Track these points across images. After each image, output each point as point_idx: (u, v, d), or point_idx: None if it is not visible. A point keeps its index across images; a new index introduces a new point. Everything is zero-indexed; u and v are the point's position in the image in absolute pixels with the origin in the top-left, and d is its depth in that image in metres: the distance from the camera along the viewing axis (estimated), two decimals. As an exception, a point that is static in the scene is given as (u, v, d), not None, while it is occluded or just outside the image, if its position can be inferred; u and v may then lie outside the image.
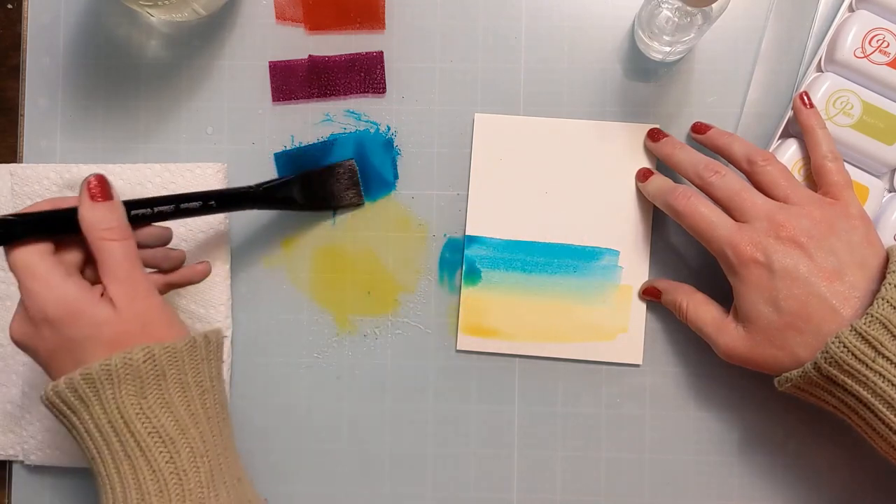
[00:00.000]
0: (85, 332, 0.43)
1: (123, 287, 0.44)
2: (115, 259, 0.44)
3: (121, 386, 0.42)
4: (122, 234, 0.44)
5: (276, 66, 0.58)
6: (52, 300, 0.43)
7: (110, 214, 0.45)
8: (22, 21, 0.59)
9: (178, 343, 0.44)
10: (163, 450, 0.42)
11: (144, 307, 0.44)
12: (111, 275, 0.44)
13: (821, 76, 0.54)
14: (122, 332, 0.43)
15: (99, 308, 0.43)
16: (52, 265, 0.43)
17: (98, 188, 0.45)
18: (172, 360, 0.44)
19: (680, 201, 0.51)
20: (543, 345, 0.57)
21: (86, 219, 0.44)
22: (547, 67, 0.58)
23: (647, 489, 0.56)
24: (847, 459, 0.56)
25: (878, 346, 0.44)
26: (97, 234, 0.44)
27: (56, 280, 0.43)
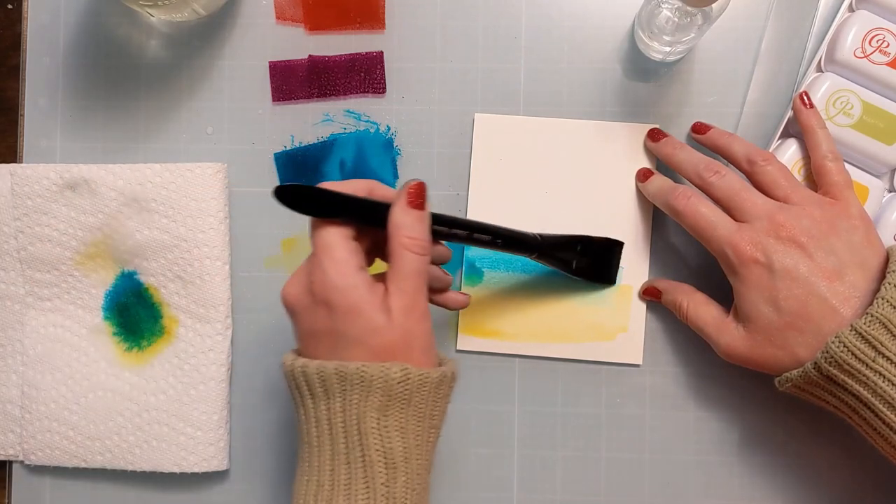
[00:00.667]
0: (356, 332, 0.42)
1: (406, 300, 0.43)
2: (409, 270, 0.43)
3: (369, 396, 0.42)
4: (423, 248, 0.44)
5: (276, 66, 0.58)
6: (340, 288, 0.42)
7: (420, 225, 0.44)
8: (22, 21, 0.59)
9: (433, 373, 0.44)
10: (383, 471, 0.42)
11: (415, 327, 0.43)
12: (399, 284, 0.43)
13: (821, 76, 0.54)
14: (388, 344, 0.43)
15: (377, 313, 0.43)
16: (350, 253, 0.43)
17: (417, 196, 0.44)
18: (422, 388, 0.43)
19: (680, 201, 0.51)
20: (543, 345, 0.57)
21: (396, 221, 0.44)
22: (547, 67, 0.58)
23: (647, 489, 0.56)
24: (847, 459, 0.56)
25: (878, 345, 0.44)
26: (401, 241, 0.43)
27: (350, 270, 0.43)
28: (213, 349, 0.56)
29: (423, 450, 0.44)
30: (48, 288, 0.57)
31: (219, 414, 0.56)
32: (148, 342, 0.57)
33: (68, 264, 0.57)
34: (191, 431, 0.56)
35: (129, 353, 0.57)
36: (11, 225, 0.57)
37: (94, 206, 0.56)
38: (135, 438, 0.56)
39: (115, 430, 0.56)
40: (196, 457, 0.56)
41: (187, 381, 0.56)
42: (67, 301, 0.58)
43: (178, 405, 0.56)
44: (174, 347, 0.56)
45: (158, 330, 0.57)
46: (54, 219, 0.57)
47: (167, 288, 0.57)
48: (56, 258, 0.57)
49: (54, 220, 0.57)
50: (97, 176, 0.56)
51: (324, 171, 0.57)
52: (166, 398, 0.56)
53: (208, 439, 0.56)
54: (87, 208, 0.56)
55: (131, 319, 0.57)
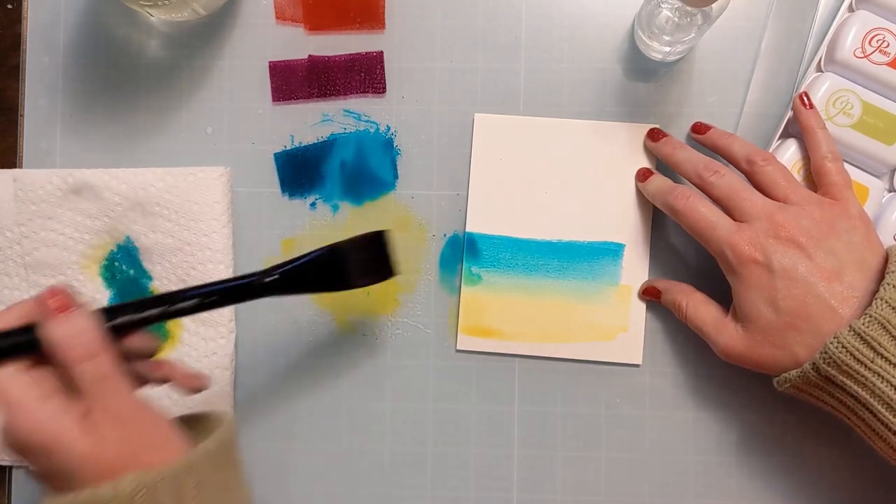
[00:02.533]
0: (67, 466, 0.38)
1: (104, 412, 0.39)
2: (88, 381, 0.39)
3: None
4: (92, 351, 0.39)
5: (276, 66, 0.58)
6: (25, 430, 0.38)
7: (74, 329, 0.40)
8: (22, 21, 0.59)
9: (175, 466, 0.39)
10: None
11: (131, 431, 0.40)
12: (90, 398, 0.39)
13: (821, 76, 0.54)
14: (108, 465, 0.38)
15: (78, 441, 0.38)
16: (26, 386, 0.39)
17: (55, 300, 0.40)
18: (170, 487, 0.39)
19: (679, 201, 0.51)
20: (543, 345, 0.57)
21: (48, 340, 0.40)
22: (547, 67, 0.58)
23: (646, 489, 0.56)
24: (846, 459, 0.56)
25: (876, 346, 0.44)
26: (64, 356, 0.39)
27: (29, 406, 0.38)
28: (216, 353, 0.56)
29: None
30: (53, 293, 0.57)
31: (222, 417, 0.56)
32: (152, 346, 0.57)
33: (73, 269, 0.57)
34: (195, 435, 0.56)
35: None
36: (15, 230, 0.57)
37: (98, 210, 0.56)
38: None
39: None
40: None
41: (191, 385, 0.56)
42: (71, 305, 0.58)
43: (182, 410, 0.56)
44: (178, 352, 0.56)
45: (162, 334, 0.57)
46: (59, 223, 0.57)
47: (171, 292, 0.57)
48: (61, 263, 0.57)
49: (59, 225, 0.57)
50: (101, 180, 0.56)
51: (323, 171, 0.57)
52: (170, 402, 0.56)
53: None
54: (91, 213, 0.56)
55: (135, 324, 0.57)
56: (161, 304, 0.43)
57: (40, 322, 0.40)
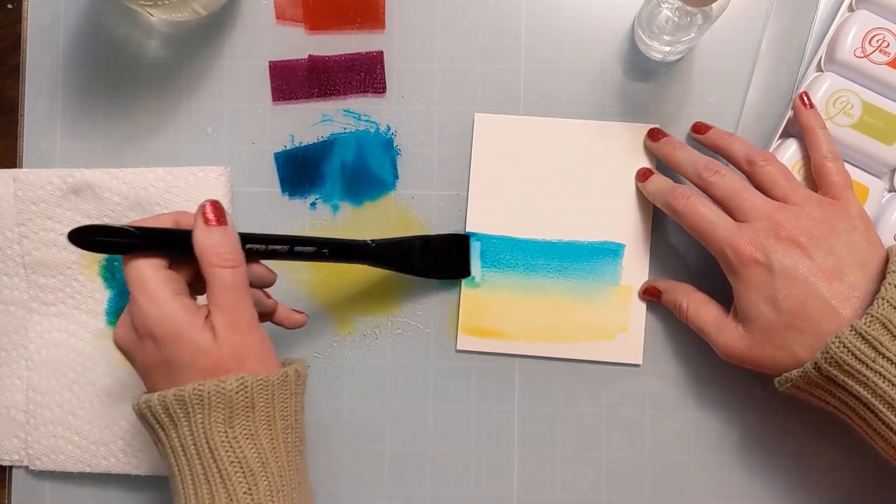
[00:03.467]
0: (184, 356, 0.43)
1: (227, 316, 0.44)
2: (222, 285, 0.44)
3: (210, 412, 0.43)
4: (233, 261, 0.44)
5: (276, 66, 0.58)
6: (157, 318, 0.43)
7: (223, 239, 0.44)
8: (22, 21, 0.59)
9: (272, 376, 0.44)
10: (242, 480, 0.43)
11: (243, 339, 0.44)
12: (217, 302, 0.44)
13: (821, 76, 0.54)
14: (218, 362, 0.43)
15: (200, 334, 0.43)
16: (163, 282, 0.43)
17: (213, 212, 0.44)
18: (263, 393, 0.44)
19: (679, 201, 0.51)
20: (543, 345, 0.57)
21: (199, 242, 0.44)
22: (547, 67, 0.58)
23: (647, 489, 0.56)
24: (847, 459, 0.56)
25: (878, 346, 0.44)
26: (209, 259, 0.44)
27: (164, 297, 0.43)
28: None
29: (280, 452, 0.44)
30: (52, 293, 0.57)
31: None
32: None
33: (73, 269, 0.57)
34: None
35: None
36: (15, 230, 0.57)
37: (98, 210, 0.56)
38: (138, 443, 0.56)
39: (119, 434, 0.56)
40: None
41: (191, 384, 0.56)
42: (72, 306, 0.57)
43: None
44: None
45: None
46: (58, 223, 0.57)
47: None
48: (60, 263, 0.57)
49: (59, 225, 0.57)
50: (101, 180, 0.56)
51: (324, 171, 0.57)
52: None
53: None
54: (91, 213, 0.56)
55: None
56: (287, 243, 0.48)
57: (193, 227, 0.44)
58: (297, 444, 0.46)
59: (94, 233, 0.43)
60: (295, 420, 0.46)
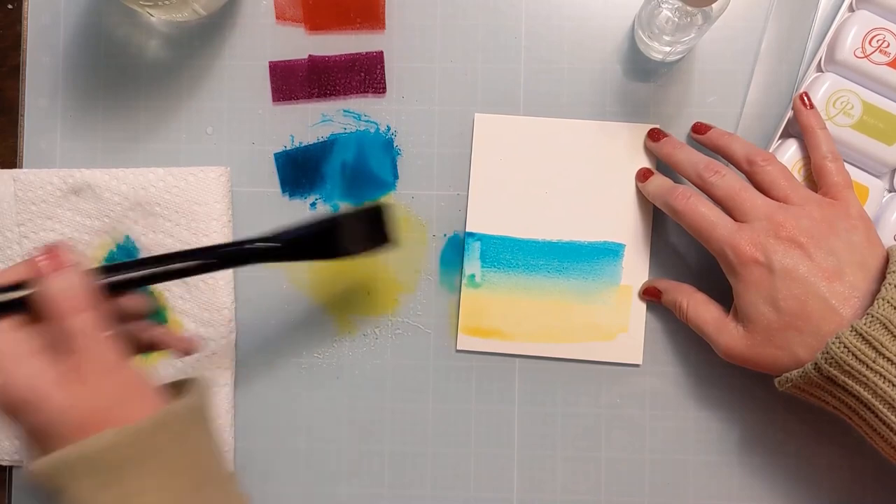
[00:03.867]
0: (45, 421, 0.39)
1: (88, 366, 0.40)
2: (71, 332, 0.40)
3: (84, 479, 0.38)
4: (81, 303, 0.40)
5: (276, 66, 0.58)
6: (10, 383, 0.39)
7: (67, 283, 0.41)
8: (22, 21, 0.59)
9: (146, 422, 0.39)
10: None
11: (113, 384, 0.40)
12: (75, 352, 0.40)
13: (821, 76, 0.54)
14: (85, 418, 0.39)
15: (56, 395, 0.39)
16: (15, 343, 0.40)
17: (48, 258, 0.41)
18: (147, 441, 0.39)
19: (680, 201, 0.51)
20: (543, 345, 0.57)
21: (42, 296, 0.40)
22: (547, 67, 0.58)
23: (647, 489, 0.56)
24: (847, 459, 0.56)
25: (878, 346, 0.44)
26: (53, 311, 0.40)
27: (16, 361, 0.39)
28: (216, 353, 0.56)
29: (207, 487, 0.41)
30: (52, 293, 0.57)
31: (224, 417, 0.56)
32: (152, 347, 0.57)
33: (74, 269, 0.57)
34: (197, 435, 0.56)
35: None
36: (15, 230, 0.57)
37: (98, 210, 0.56)
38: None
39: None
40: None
41: (191, 386, 0.56)
42: (71, 305, 0.58)
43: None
44: (178, 352, 0.57)
45: (162, 334, 0.57)
46: (59, 224, 0.56)
47: (171, 292, 0.57)
48: (60, 263, 0.57)
49: (59, 225, 0.56)
50: (101, 180, 0.56)
51: (324, 172, 0.57)
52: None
53: (214, 442, 0.56)
54: (91, 213, 0.56)
55: (135, 324, 0.57)
56: (158, 264, 0.44)
57: (35, 280, 0.41)
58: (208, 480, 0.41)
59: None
60: (208, 451, 0.42)
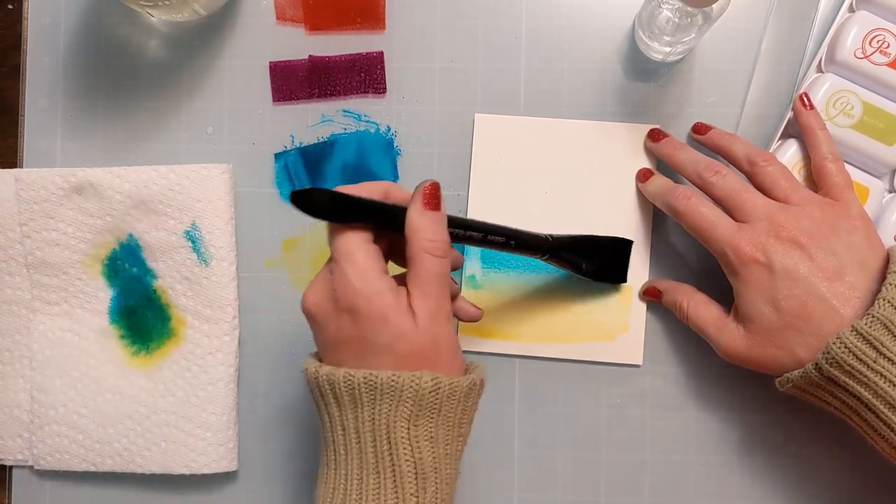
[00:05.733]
0: (383, 339, 0.42)
1: (431, 304, 0.42)
2: (431, 274, 0.42)
3: (398, 405, 0.41)
4: (444, 250, 0.43)
5: (276, 66, 0.58)
6: (365, 294, 0.41)
7: (438, 227, 0.43)
8: (22, 21, 0.59)
9: (463, 381, 0.43)
10: (412, 481, 0.41)
11: (441, 330, 0.43)
12: (423, 288, 0.42)
13: (821, 77, 0.54)
14: (415, 350, 0.42)
15: (404, 319, 0.42)
16: (372, 258, 0.42)
17: (432, 197, 0.43)
18: (451, 397, 0.42)
19: (680, 201, 0.51)
20: (544, 345, 0.57)
21: (414, 224, 0.43)
22: (547, 67, 0.58)
23: (647, 489, 0.56)
24: (848, 460, 0.56)
25: (879, 346, 0.45)
26: (421, 244, 0.43)
27: (374, 274, 0.42)
28: (220, 350, 0.56)
29: (451, 459, 0.43)
30: (55, 292, 0.57)
31: (227, 415, 0.56)
32: (156, 344, 0.57)
33: (76, 268, 0.57)
34: (200, 433, 0.56)
35: (136, 356, 0.57)
36: (17, 230, 0.57)
37: (100, 209, 0.56)
38: (144, 441, 0.56)
39: (124, 433, 0.56)
40: (206, 458, 0.56)
41: (195, 383, 0.56)
42: (75, 305, 0.58)
43: (186, 407, 0.56)
44: (182, 349, 0.56)
45: (166, 332, 0.57)
46: (61, 223, 0.56)
47: (175, 289, 0.57)
48: (63, 262, 0.57)
49: (61, 225, 0.57)
50: (103, 179, 0.56)
51: (324, 172, 0.57)
52: (175, 400, 0.56)
53: (217, 440, 0.56)
54: (93, 212, 0.56)
55: (139, 322, 0.57)
56: (481, 230, 0.48)
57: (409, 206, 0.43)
58: (461, 455, 0.45)
59: (316, 196, 0.42)
60: (468, 430, 0.45)
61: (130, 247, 0.57)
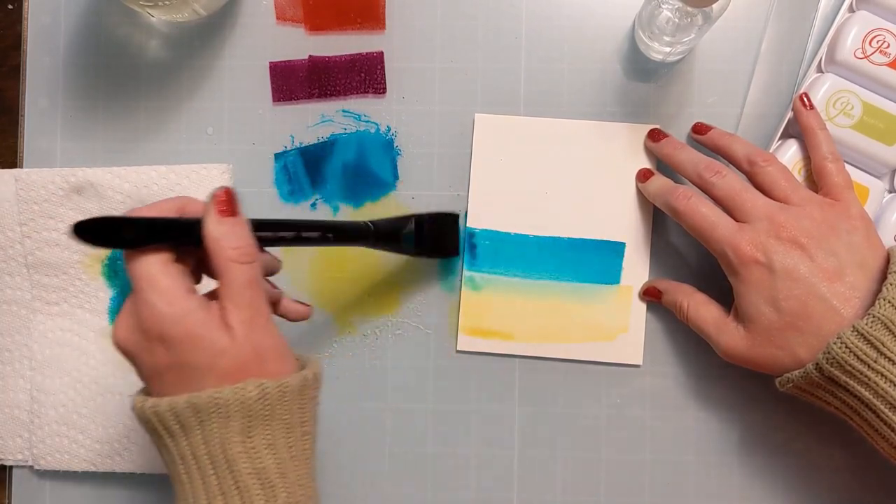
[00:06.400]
0: (201, 359, 0.40)
1: (245, 314, 0.41)
2: (241, 282, 0.41)
3: (228, 421, 0.40)
4: (250, 255, 0.42)
5: (276, 66, 0.58)
6: (172, 317, 0.40)
7: (238, 232, 0.42)
8: (22, 21, 0.59)
9: (293, 380, 0.42)
10: (260, 493, 0.40)
11: (262, 338, 0.42)
12: (234, 299, 0.41)
13: (821, 77, 0.54)
14: (237, 364, 0.41)
15: (219, 334, 0.40)
16: (174, 278, 0.41)
17: (228, 203, 0.42)
18: (283, 399, 0.41)
19: (680, 201, 0.51)
20: (543, 345, 0.57)
21: (212, 234, 0.41)
22: (547, 67, 0.58)
23: (647, 489, 0.56)
24: (848, 460, 0.56)
25: (879, 346, 0.45)
26: (225, 253, 0.41)
27: (178, 296, 0.40)
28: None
29: (299, 461, 0.42)
30: (55, 292, 0.57)
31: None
32: (156, 345, 0.57)
33: (76, 268, 0.57)
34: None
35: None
36: (17, 230, 0.57)
37: (101, 209, 0.56)
38: (144, 441, 0.56)
39: (124, 433, 0.56)
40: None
41: (194, 383, 0.56)
42: (75, 305, 0.58)
43: None
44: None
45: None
46: (61, 223, 0.57)
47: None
48: (63, 262, 0.57)
49: (61, 225, 0.57)
50: (103, 179, 0.56)
51: (324, 172, 0.57)
52: None
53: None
54: (93, 211, 0.56)
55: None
56: (293, 229, 0.47)
57: (203, 217, 0.42)
58: (312, 452, 0.44)
59: (96, 226, 0.40)
60: (312, 427, 0.44)
61: None
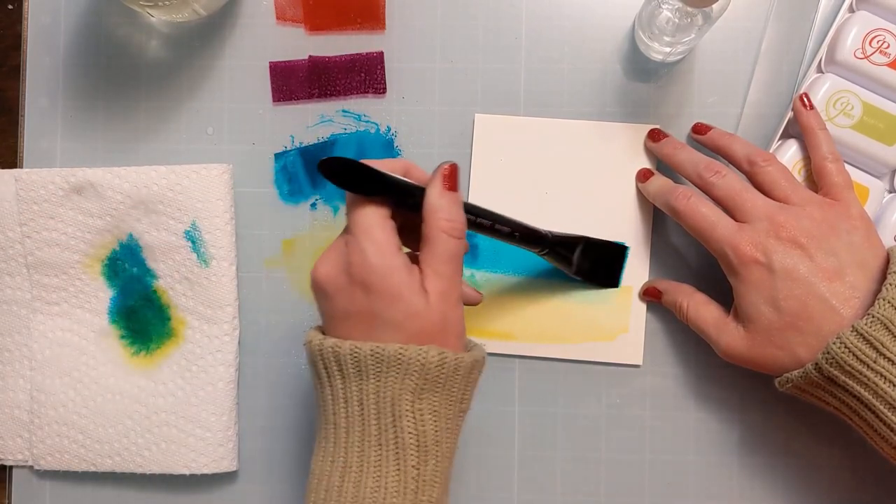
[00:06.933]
0: (394, 315, 0.42)
1: (444, 285, 0.43)
2: (447, 254, 0.43)
3: (405, 378, 0.42)
4: (460, 231, 0.44)
5: (276, 66, 0.58)
6: (380, 270, 0.42)
7: (456, 208, 0.44)
8: (22, 21, 0.59)
9: (468, 357, 0.43)
10: (414, 455, 0.42)
11: (451, 311, 0.43)
12: (437, 268, 0.43)
13: (821, 77, 0.54)
14: (425, 329, 0.42)
15: (417, 297, 0.42)
16: (390, 234, 0.43)
17: (451, 178, 0.44)
18: (456, 373, 0.43)
19: (680, 201, 0.51)
20: (543, 345, 0.57)
21: (433, 204, 0.43)
22: (547, 67, 0.58)
23: (647, 490, 0.56)
24: (847, 460, 0.56)
25: (879, 346, 0.45)
26: (439, 224, 0.43)
27: (390, 251, 0.42)
28: (220, 350, 0.56)
29: (452, 433, 0.44)
30: (55, 292, 0.57)
31: (227, 415, 0.56)
32: (156, 344, 0.57)
33: (76, 268, 0.57)
34: (200, 433, 0.56)
35: (136, 356, 0.57)
36: (17, 230, 0.57)
37: (100, 209, 0.56)
38: (144, 441, 0.56)
39: (124, 433, 0.56)
40: (206, 458, 0.56)
41: (196, 383, 0.56)
42: (75, 305, 0.58)
43: (186, 407, 0.56)
44: (182, 349, 0.57)
45: (166, 332, 0.57)
46: (61, 223, 0.56)
47: (175, 289, 0.57)
48: (63, 262, 0.57)
49: (61, 225, 0.57)
50: (103, 179, 0.56)
51: (324, 172, 0.57)
52: (175, 400, 0.56)
53: (217, 440, 0.56)
54: (93, 211, 0.56)
55: (139, 322, 0.57)
56: (491, 219, 0.48)
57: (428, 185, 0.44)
58: (460, 432, 0.45)
59: (344, 165, 0.43)
60: (468, 406, 0.45)
61: (130, 247, 0.57)
